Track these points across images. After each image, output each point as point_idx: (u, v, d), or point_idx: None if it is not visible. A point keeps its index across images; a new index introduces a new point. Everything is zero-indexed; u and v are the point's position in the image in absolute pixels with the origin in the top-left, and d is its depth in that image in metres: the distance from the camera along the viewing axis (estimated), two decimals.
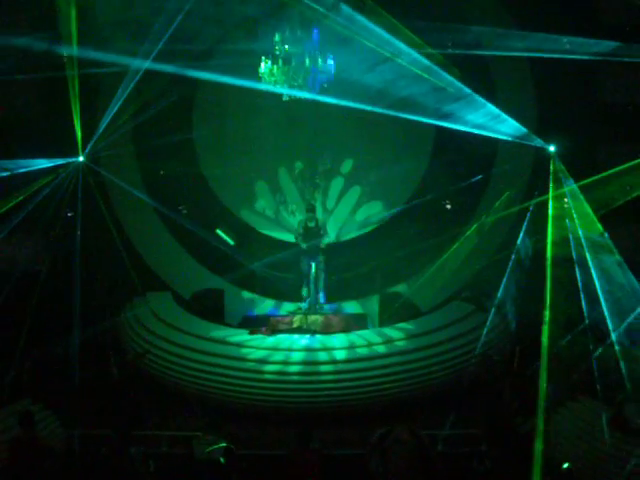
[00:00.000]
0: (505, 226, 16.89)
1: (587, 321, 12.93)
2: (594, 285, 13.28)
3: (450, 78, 14.05)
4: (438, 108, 14.52)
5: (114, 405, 12.80)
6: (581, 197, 13.98)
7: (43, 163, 14.83)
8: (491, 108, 14.25)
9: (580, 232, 13.80)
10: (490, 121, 14.34)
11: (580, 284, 13.37)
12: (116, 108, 15.13)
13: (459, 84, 14.08)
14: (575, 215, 13.97)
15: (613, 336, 12.61)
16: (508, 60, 15.94)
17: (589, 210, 13.82)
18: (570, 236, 13.74)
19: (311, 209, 16.34)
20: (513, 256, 15.10)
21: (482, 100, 14.15)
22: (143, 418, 12.72)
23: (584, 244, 13.66)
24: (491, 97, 15.88)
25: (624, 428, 11.23)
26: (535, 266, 13.96)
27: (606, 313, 12.94)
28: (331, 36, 14.21)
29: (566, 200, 14.16)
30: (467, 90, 14.06)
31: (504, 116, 14.24)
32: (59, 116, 15.26)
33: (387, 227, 17.89)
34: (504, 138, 14.55)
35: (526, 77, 16.62)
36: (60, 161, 15.09)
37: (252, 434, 12.71)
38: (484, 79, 16.27)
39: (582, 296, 13.25)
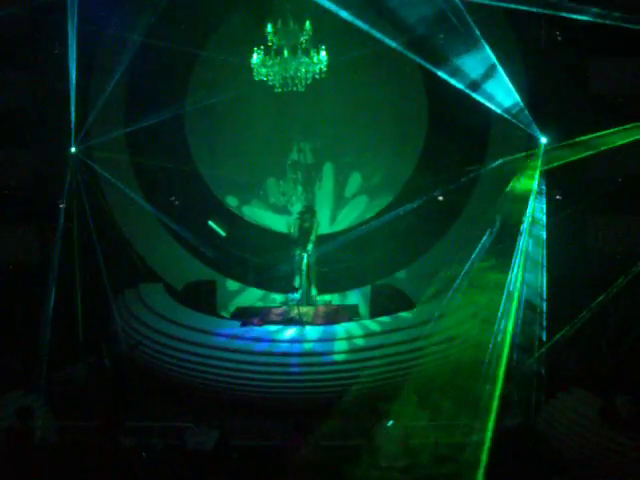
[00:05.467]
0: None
1: None
2: None
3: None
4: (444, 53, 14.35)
5: (106, 396, 12.84)
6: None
7: None
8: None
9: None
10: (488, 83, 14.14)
11: None
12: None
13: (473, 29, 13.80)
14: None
15: None
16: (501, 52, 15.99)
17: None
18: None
19: (306, 211, 16.31)
20: None
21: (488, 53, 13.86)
22: (135, 409, 12.75)
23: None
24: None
25: (615, 419, 11.30)
26: None
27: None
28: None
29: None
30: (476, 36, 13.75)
31: (504, 80, 14.06)
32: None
33: (379, 217, 17.87)
34: (499, 112, 14.51)
35: (518, 69, 16.58)
36: None
37: (245, 425, 12.74)
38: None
39: None
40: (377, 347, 14.38)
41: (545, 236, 13.77)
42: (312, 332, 15.30)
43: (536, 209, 14.17)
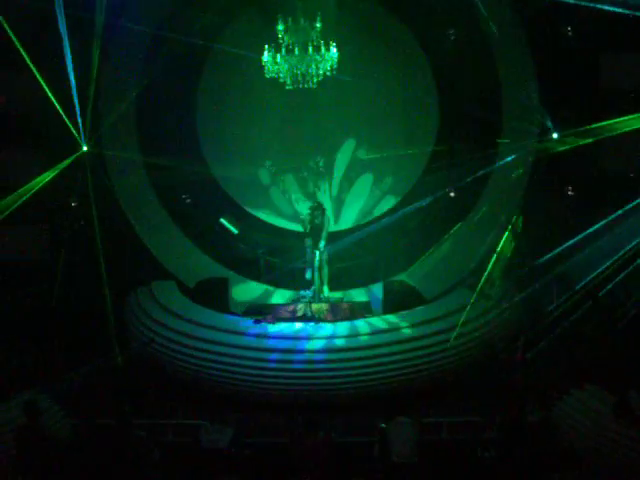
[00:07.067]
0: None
1: None
2: None
3: None
4: None
5: (118, 393, 12.87)
6: None
7: None
8: None
9: None
10: None
11: None
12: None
13: None
14: None
15: None
16: (511, 48, 16.00)
17: None
18: None
19: (317, 207, 16.33)
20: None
21: None
22: (148, 406, 12.78)
23: None
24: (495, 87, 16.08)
25: (628, 416, 11.25)
26: None
27: None
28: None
29: None
30: None
31: None
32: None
33: (391, 214, 17.84)
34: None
35: (529, 64, 16.51)
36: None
37: (257, 422, 12.76)
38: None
39: None
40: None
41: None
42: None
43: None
